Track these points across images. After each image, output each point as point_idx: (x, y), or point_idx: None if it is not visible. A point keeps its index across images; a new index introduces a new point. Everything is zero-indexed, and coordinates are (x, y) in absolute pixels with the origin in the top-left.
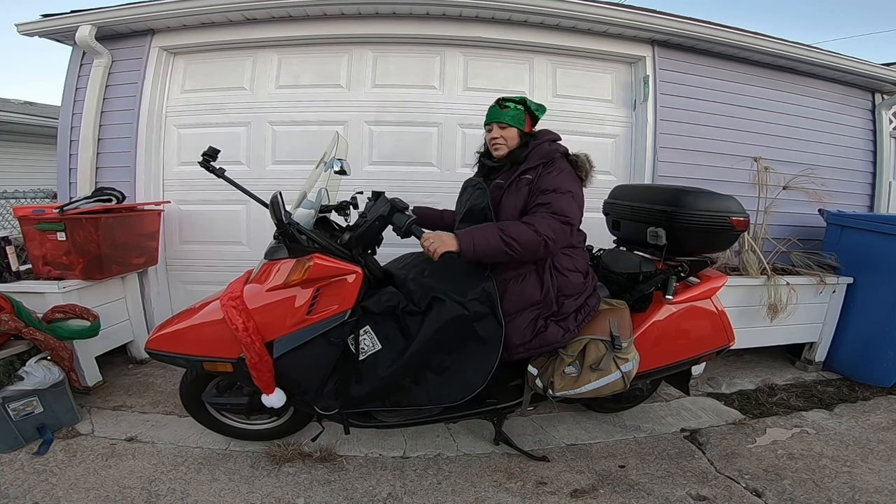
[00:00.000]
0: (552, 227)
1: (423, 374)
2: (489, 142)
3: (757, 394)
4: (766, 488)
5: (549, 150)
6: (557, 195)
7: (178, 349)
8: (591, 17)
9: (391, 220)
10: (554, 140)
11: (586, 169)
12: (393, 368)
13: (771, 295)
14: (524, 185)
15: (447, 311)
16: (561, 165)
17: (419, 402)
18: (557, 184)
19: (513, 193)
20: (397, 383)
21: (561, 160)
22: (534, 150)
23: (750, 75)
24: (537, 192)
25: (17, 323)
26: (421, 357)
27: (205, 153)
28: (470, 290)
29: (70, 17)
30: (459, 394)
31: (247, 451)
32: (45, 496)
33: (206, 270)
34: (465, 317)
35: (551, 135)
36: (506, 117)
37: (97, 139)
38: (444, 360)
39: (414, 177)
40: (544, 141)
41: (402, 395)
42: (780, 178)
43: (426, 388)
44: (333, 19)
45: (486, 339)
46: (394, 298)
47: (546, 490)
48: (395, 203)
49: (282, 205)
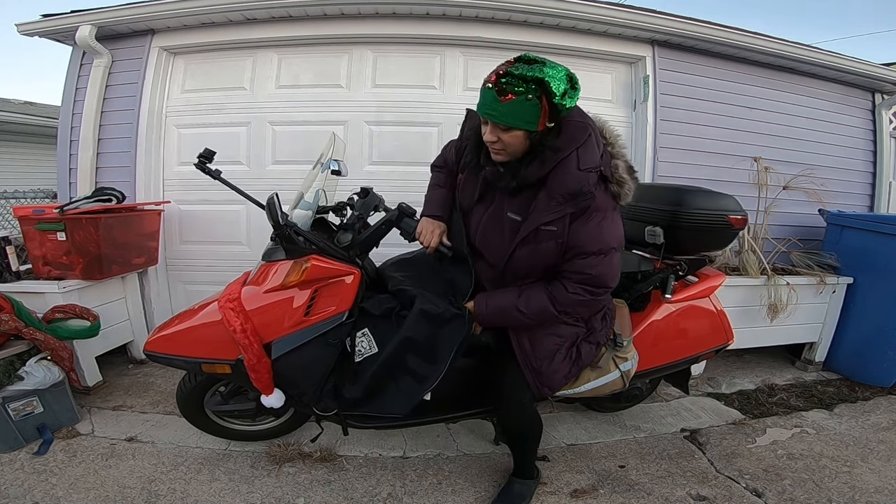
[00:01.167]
0: (580, 302)
1: (404, 378)
2: (485, 140)
3: (757, 394)
4: (766, 488)
5: (579, 181)
6: (597, 259)
7: (176, 351)
8: (591, 17)
9: (399, 224)
10: (585, 151)
11: (628, 188)
12: (375, 368)
13: (771, 295)
14: (547, 238)
15: (420, 306)
16: (601, 207)
17: (397, 408)
18: (600, 243)
19: (530, 243)
20: (381, 386)
21: (600, 196)
22: (557, 173)
23: (750, 75)
24: (570, 248)
25: (17, 323)
26: (396, 356)
27: (200, 155)
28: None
29: (70, 17)
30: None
31: (247, 451)
32: (45, 496)
33: (205, 270)
34: (435, 314)
35: (579, 136)
36: (507, 117)
37: (97, 139)
38: (413, 361)
39: (414, 177)
40: (569, 156)
41: (385, 399)
42: (780, 178)
43: (405, 393)
44: (333, 19)
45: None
46: (391, 300)
47: (546, 490)
48: (402, 208)
49: (278, 206)
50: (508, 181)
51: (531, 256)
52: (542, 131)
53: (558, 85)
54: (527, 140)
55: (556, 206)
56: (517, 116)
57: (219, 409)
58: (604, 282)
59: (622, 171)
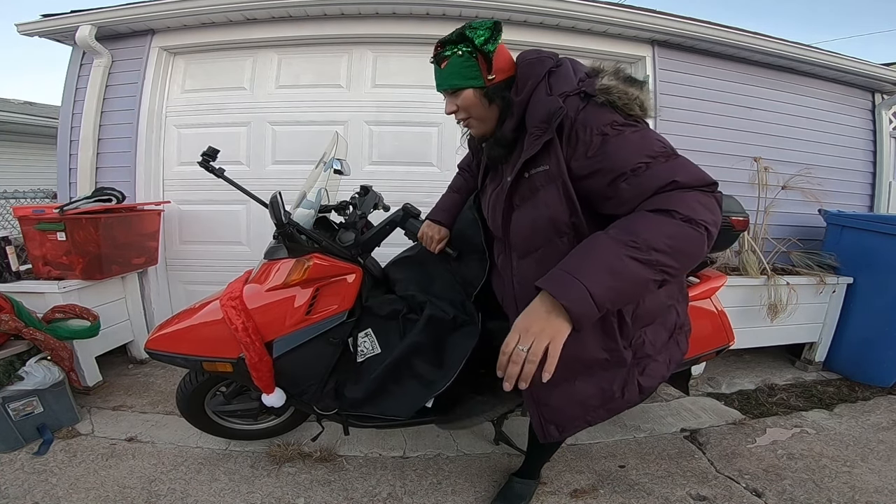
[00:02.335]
0: (702, 202)
1: (409, 382)
2: (447, 114)
3: (757, 394)
4: (766, 488)
5: (550, 104)
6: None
7: (177, 349)
8: (590, 17)
9: (404, 225)
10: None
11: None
12: (379, 371)
13: (771, 295)
14: (544, 182)
15: (429, 312)
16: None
17: (401, 412)
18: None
19: (527, 198)
20: (384, 388)
21: (597, 113)
22: (529, 112)
23: (750, 75)
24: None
25: (17, 323)
26: (403, 360)
27: (204, 153)
28: (456, 298)
29: (70, 17)
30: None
31: (247, 451)
32: (45, 496)
33: (206, 270)
34: (445, 321)
35: (535, 66)
36: (448, 78)
37: (97, 139)
38: (427, 371)
39: (414, 176)
40: (536, 88)
41: (389, 402)
42: (779, 178)
43: (410, 397)
44: (333, 19)
45: (457, 347)
46: (399, 302)
47: (546, 490)
48: (407, 209)
49: (281, 205)
50: (496, 149)
51: (533, 210)
52: (494, 85)
53: (481, 34)
54: (483, 99)
55: (534, 140)
56: (456, 75)
57: (222, 410)
58: (694, 177)
59: (606, 80)
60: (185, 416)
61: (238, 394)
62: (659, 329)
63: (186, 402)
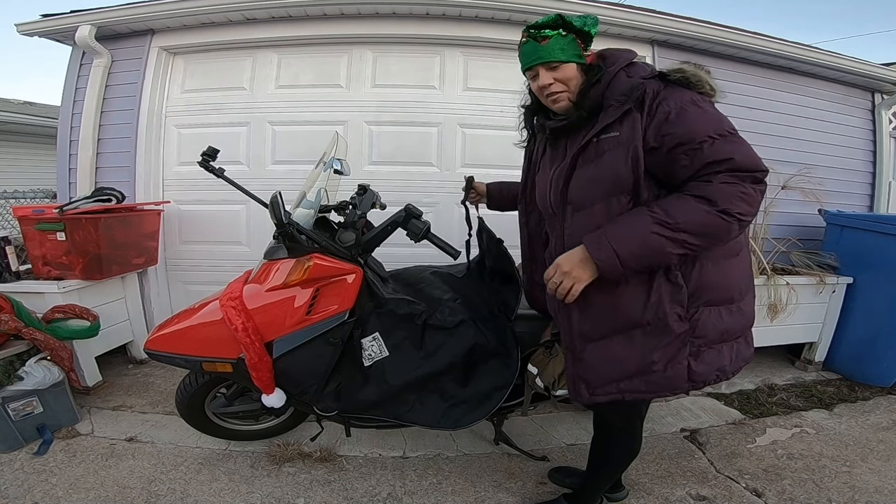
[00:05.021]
0: (738, 194)
1: (430, 396)
2: (541, 93)
3: (757, 394)
4: (766, 488)
5: (630, 82)
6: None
7: (177, 349)
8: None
9: (406, 226)
10: (633, 67)
11: (692, 73)
12: (401, 381)
13: (771, 295)
14: (612, 147)
15: (470, 337)
16: (679, 97)
17: (417, 421)
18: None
19: (590, 160)
20: (401, 396)
21: (671, 91)
22: (610, 89)
23: (750, 75)
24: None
25: (17, 323)
26: (432, 377)
27: (204, 153)
28: (500, 326)
29: (70, 17)
30: (452, 423)
31: (247, 451)
32: (45, 496)
33: (205, 270)
34: (487, 347)
35: (623, 54)
36: (554, 52)
37: (97, 139)
38: (452, 388)
39: (414, 176)
40: (618, 73)
41: (403, 410)
42: (779, 177)
43: (429, 410)
44: (333, 19)
45: (497, 376)
46: (417, 308)
47: (546, 490)
48: (409, 210)
49: (281, 204)
50: (577, 113)
51: (595, 169)
52: (589, 64)
53: (577, 18)
54: (581, 73)
55: (614, 110)
56: (562, 51)
57: (223, 411)
58: (750, 160)
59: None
60: (184, 418)
61: (239, 395)
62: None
63: (186, 404)
